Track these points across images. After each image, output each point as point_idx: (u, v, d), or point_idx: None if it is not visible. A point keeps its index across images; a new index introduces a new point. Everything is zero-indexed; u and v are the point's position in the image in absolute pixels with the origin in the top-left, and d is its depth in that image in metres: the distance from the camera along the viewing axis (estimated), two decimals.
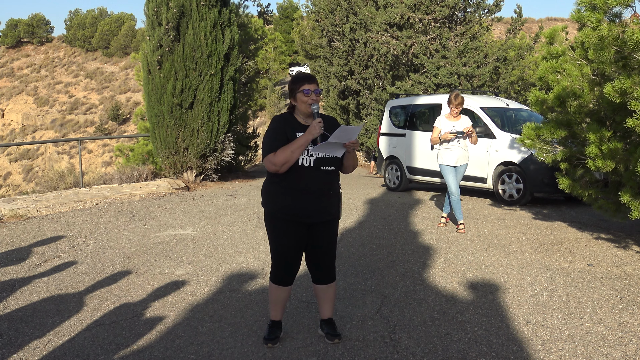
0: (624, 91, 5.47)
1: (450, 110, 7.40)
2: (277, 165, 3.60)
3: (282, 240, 3.77)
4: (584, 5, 5.86)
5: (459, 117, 7.47)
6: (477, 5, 17.45)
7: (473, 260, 6.06)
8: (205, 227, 7.86)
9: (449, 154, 7.41)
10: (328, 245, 3.87)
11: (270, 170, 3.69)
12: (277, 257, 3.83)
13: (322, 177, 3.72)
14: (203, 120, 12.04)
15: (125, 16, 79.31)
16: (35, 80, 72.89)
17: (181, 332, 4.20)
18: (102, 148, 55.76)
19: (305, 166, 3.67)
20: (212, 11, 11.93)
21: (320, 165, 3.69)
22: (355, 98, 21.37)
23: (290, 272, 3.85)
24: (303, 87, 3.67)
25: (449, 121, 7.45)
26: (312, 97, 3.66)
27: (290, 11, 60.61)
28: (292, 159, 3.59)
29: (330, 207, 3.80)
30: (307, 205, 3.71)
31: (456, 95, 7.30)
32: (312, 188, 3.70)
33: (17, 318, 4.51)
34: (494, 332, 4.16)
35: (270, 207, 3.81)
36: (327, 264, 3.90)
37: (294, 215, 3.72)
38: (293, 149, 3.59)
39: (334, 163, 3.76)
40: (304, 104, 3.68)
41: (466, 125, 7.37)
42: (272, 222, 3.81)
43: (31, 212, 8.86)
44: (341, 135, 3.55)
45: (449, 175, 7.41)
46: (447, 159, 7.42)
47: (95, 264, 6.05)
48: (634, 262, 5.97)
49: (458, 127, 7.37)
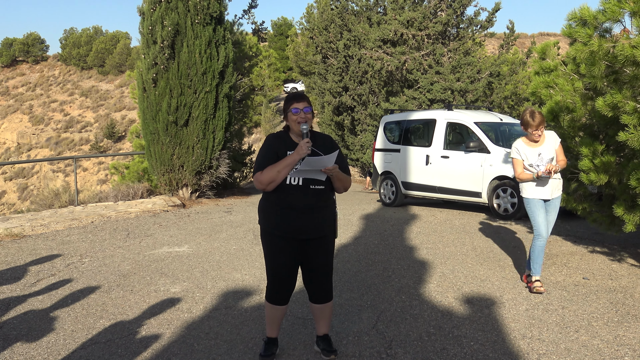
0: (616, 105, 5.52)
1: (530, 134, 5.53)
2: (263, 183, 3.65)
3: (276, 257, 3.78)
4: (575, 21, 5.94)
5: (542, 139, 5.58)
6: (470, 22, 17.62)
7: (469, 275, 6.07)
8: (200, 244, 7.85)
9: (538, 183, 5.59)
10: (323, 264, 3.86)
11: (258, 188, 3.72)
12: (272, 274, 3.82)
13: (311, 196, 3.73)
14: (198, 137, 12.06)
15: (120, 34, 79.66)
16: (31, 99, 72.94)
17: (177, 350, 4.19)
18: (98, 166, 55.70)
19: (294, 184, 3.69)
20: (207, 29, 12.00)
21: (309, 184, 3.71)
22: (349, 114, 21.46)
23: (285, 290, 3.84)
24: (292, 106, 3.71)
25: (532, 148, 5.56)
26: (300, 115, 3.68)
27: (284, 28, 61.01)
28: (278, 178, 3.63)
29: (321, 224, 3.79)
30: (298, 222, 3.71)
31: (532, 113, 5.45)
32: (301, 206, 3.70)
33: (12, 337, 4.49)
34: (490, 347, 4.16)
35: (264, 224, 3.83)
36: (323, 283, 3.89)
37: (285, 232, 3.73)
38: (279, 168, 3.62)
39: (324, 182, 3.77)
40: (294, 122, 3.72)
41: (553, 147, 5.58)
42: (267, 239, 3.82)
43: (26, 230, 8.83)
44: (314, 164, 3.58)
45: (538, 212, 5.54)
46: (536, 190, 5.57)
47: (90, 282, 6.03)
48: (629, 275, 5.99)
49: (546, 154, 5.49)
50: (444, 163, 10.68)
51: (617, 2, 5.32)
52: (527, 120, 5.44)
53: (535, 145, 5.56)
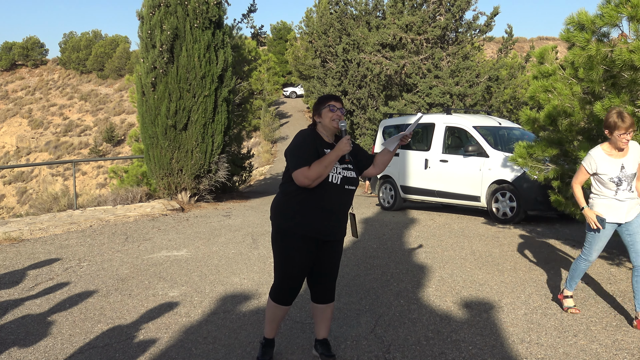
0: None
1: (616, 140, 4.48)
2: (310, 179, 3.57)
3: (292, 257, 3.69)
4: (573, 26, 5.95)
5: (627, 149, 4.57)
6: (469, 26, 17.65)
7: (467, 279, 6.06)
8: (199, 248, 7.84)
9: (612, 204, 4.61)
10: (334, 265, 3.90)
11: (302, 185, 3.60)
12: (284, 274, 3.75)
13: (344, 195, 3.76)
14: (197, 141, 12.06)
15: (120, 38, 79.67)
16: (30, 103, 72.91)
17: (175, 354, 4.18)
18: (97, 170, 55.64)
19: (333, 183, 3.67)
20: (206, 33, 12.02)
21: (345, 183, 3.73)
22: (349, 118, 21.48)
23: (294, 291, 3.81)
24: (329, 104, 3.74)
25: (613, 159, 4.57)
26: (337, 113, 3.72)
27: (283, 32, 61.05)
28: (324, 174, 3.59)
29: (345, 225, 3.88)
30: (327, 223, 3.72)
31: (620, 114, 4.43)
32: (335, 205, 3.73)
33: (9, 341, 4.48)
34: (489, 351, 4.16)
35: (284, 223, 3.73)
36: (329, 283, 3.91)
37: (311, 232, 3.68)
38: (326, 163, 3.58)
39: (355, 183, 3.82)
40: (330, 119, 3.72)
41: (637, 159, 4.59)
42: (285, 238, 3.73)
43: (25, 234, 8.82)
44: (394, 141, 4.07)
45: (601, 239, 4.69)
46: (609, 212, 4.63)
47: (88, 286, 6.03)
48: (627, 280, 5.98)
49: (629, 168, 4.55)
50: (443, 167, 10.69)
51: (614, 7, 5.33)
52: (615, 121, 4.41)
53: (618, 156, 4.55)
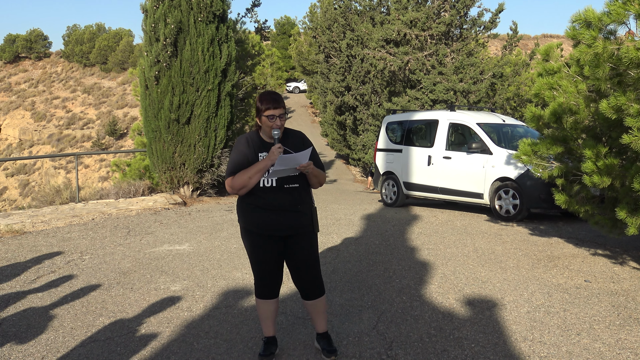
0: (620, 108, 5.49)
1: None
2: (235, 189, 3.67)
3: (256, 253, 3.79)
4: (579, 23, 5.90)
5: None
6: (473, 22, 17.61)
7: (470, 276, 6.05)
8: (201, 243, 7.83)
9: None
10: (306, 259, 3.84)
11: (230, 193, 3.74)
12: (256, 270, 3.84)
13: (286, 194, 3.73)
14: (200, 135, 12.05)
15: (123, 32, 79.62)
16: (33, 95, 72.95)
17: (176, 349, 4.17)
18: (99, 163, 55.70)
19: (267, 187, 3.70)
20: (210, 27, 11.99)
21: (283, 184, 3.72)
22: (352, 114, 21.47)
23: (271, 284, 3.85)
24: (268, 113, 3.65)
25: None
26: (276, 122, 3.66)
27: (287, 27, 60.97)
28: (250, 184, 3.64)
29: (300, 221, 3.80)
30: (274, 221, 3.72)
31: None
32: (277, 205, 3.71)
33: (11, 334, 4.48)
34: (491, 349, 4.14)
35: (242, 222, 3.84)
36: (310, 278, 3.87)
37: (263, 230, 3.74)
38: (251, 174, 3.62)
39: (298, 180, 3.77)
40: (268, 127, 3.70)
41: None
42: (247, 236, 3.84)
43: (27, 227, 8.82)
44: (288, 162, 3.55)
45: None
46: None
47: (90, 279, 6.02)
48: (630, 278, 5.96)
49: None
50: (446, 164, 10.66)
51: (622, 4, 5.29)
52: None
53: None
